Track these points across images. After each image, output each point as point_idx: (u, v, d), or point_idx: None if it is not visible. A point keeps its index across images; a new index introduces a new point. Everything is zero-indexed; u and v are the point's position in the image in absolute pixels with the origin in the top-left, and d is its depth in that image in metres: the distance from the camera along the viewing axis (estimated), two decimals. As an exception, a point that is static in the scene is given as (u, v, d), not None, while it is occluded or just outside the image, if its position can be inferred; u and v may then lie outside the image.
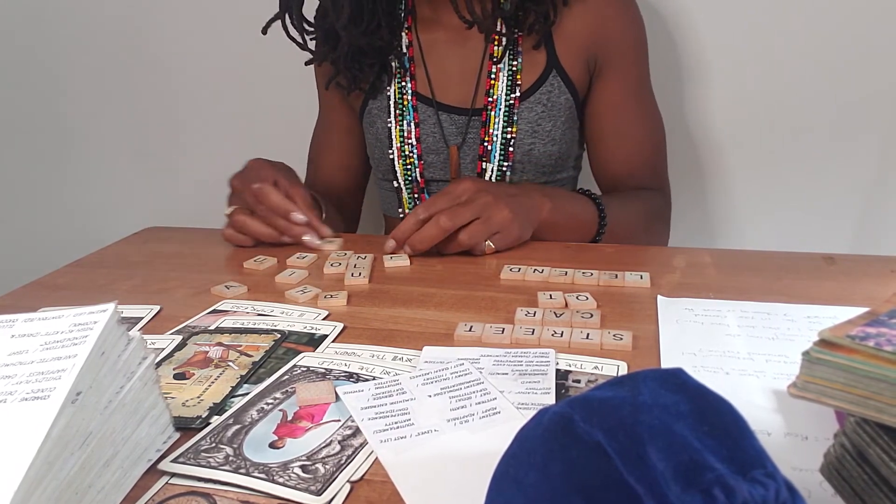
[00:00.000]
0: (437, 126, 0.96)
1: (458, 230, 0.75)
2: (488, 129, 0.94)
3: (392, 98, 0.96)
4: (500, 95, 0.93)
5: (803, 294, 0.66)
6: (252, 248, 0.83)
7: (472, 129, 0.95)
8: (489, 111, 0.93)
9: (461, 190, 0.77)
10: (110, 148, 1.42)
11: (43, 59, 1.39)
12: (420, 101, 0.96)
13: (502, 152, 0.94)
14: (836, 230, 1.15)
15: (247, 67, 1.30)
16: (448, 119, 0.96)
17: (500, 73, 0.93)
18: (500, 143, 0.93)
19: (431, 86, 0.96)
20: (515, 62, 0.93)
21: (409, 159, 0.97)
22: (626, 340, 0.57)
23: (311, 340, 0.60)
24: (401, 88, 0.96)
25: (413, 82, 0.96)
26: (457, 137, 0.96)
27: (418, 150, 0.96)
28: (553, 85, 0.93)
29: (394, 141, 0.96)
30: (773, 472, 0.29)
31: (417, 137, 0.96)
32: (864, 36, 1.06)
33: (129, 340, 0.42)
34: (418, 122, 0.96)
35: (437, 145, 0.96)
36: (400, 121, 0.96)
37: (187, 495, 0.41)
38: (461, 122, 0.96)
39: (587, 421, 0.31)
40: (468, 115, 0.95)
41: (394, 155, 0.97)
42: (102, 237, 0.91)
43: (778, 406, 0.48)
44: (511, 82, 0.93)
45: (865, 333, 0.36)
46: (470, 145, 0.96)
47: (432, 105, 0.96)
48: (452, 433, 0.46)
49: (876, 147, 1.10)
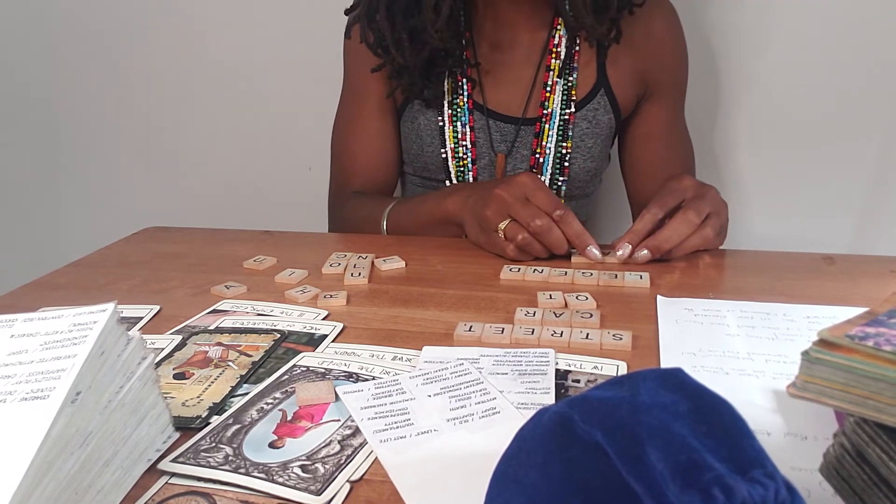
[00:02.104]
0: (486, 131, 0.95)
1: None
2: (541, 141, 0.94)
3: (446, 98, 0.95)
4: (556, 109, 0.93)
5: (803, 294, 0.66)
6: (254, 250, 0.82)
7: (519, 139, 0.95)
8: (543, 123, 0.93)
9: (685, 186, 0.77)
10: (110, 148, 1.42)
11: (43, 58, 1.39)
12: (473, 105, 0.95)
13: (556, 166, 0.94)
14: (836, 230, 1.15)
15: (248, 67, 1.30)
16: (494, 126, 0.95)
17: (555, 86, 0.93)
18: (555, 157, 0.94)
19: (483, 91, 0.95)
20: (571, 77, 0.93)
21: (462, 161, 0.96)
22: (626, 340, 0.57)
23: (311, 340, 0.60)
24: (457, 90, 0.95)
25: (469, 85, 0.95)
26: (500, 145, 0.96)
27: (472, 154, 0.96)
28: (600, 103, 0.94)
29: (447, 141, 0.95)
30: (772, 472, 0.29)
31: (473, 142, 0.95)
32: (865, 36, 1.06)
33: (129, 340, 0.42)
34: (472, 127, 0.95)
35: (483, 150, 0.96)
36: (454, 122, 0.95)
37: (187, 495, 0.41)
38: (507, 129, 0.95)
39: (586, 421, 0.31)
40: (517, 123, 0.95)
41: (447, 155, 0.96)
42: (102, 237, 0.91)
43: (777, 406, 0.48)
44: (566, 97, 0.93)
45: (864, 333, 0.36)
46: (516, 154, 0.96)
47: (483, 111, 0.95)
48: (452, 433, 0.46)
49: (876, 147, 1.10)
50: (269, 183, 1.36)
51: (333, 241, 0.86)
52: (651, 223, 0.74)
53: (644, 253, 0.73)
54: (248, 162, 1.37)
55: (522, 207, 0.74)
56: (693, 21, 1.10)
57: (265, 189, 1.37)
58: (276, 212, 1.34)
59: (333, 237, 0.88)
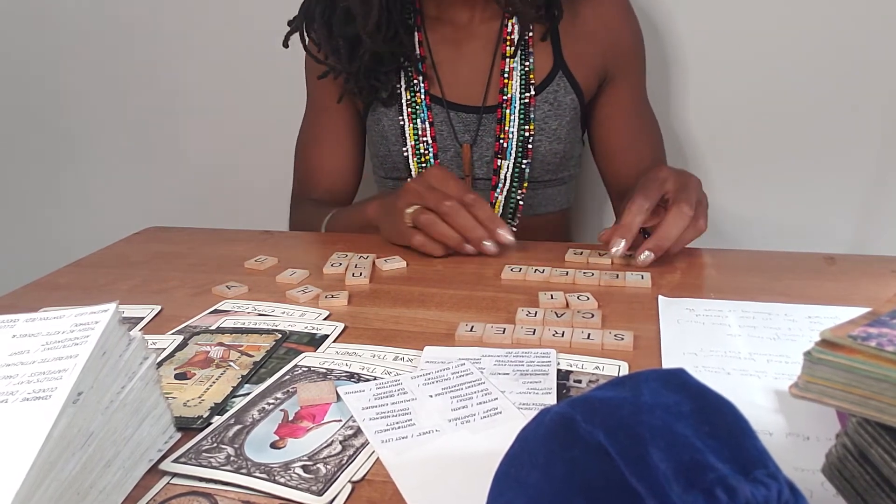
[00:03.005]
0: (448, 124, 0.97)
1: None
2: (504, 127, 0.94)
3: (403, 97, 0.96)
4: (515, 94, 0.94)
5: (804, 294, 0.66)
6: (255, 250, 0.82)
7: (482, 127, 0.96)
8: (504, 109, 0.94)
9: (664, 176, 0.75)
10: (110, 148, 1.42)
11: (42, 58, 1.39)
12: (431, 99, 0.96)
13: (520, 149, 0.95)
14: (836, 230, 1.15)
15: (249, 68, 1.30)
16: (456, 117, 0.97)
17: (513, 71, 0.94)
18: (518, 141, 0.94)
19: (441, 85, 0.97)
20: (528, 62, 0.94)
21: (424, 157, 0.97)
22: (628, 340, 0.57)
23: (312, 340, 0.60)
24: (412, 87, 0.96)
25: (426, 82, 0.96)
26: (465, 135, 0.97)
27: (434, 148, 0.97)
28: (559, 85, 0.95)
29: (408, 139, 0.97)
30: (775, 473, 0.29)
31: (433, 136, 0.96)
32: (865, 36, 1.06)
33: (131, 340, 0.42)
34: (432, 122, 0.96)
35: (447, 143, 0.97)
36: (413, 119, 0.96)
37: (188, 495, 0.41)
38: (469, 119, 0.96)
39: (589, 421, 0.31)
40: (479, 112, 0.96)
41: (408, 153, 0.97)
42: (102, 237, 0.91)
43: (779, 406, 0.48)
44: (525, 81, 0.94)
45: (867, 334, 0.36)
46: (480, 143, 0.97)
47: (442, 104, 0.96)
48: (454, 433, 0.46)
49: (876, 147, 1.10)
50: (270, 183, 1.35)
51: (334, 241, 0.86)
52: (639, 214, 0.71)
53: (647, 255, 0.71)
54: (249, 162, 1.37)
55: (431, 193, 0.75)
56: (691, 22, 1.10)
57: (266, 189, 1.37)
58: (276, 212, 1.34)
59: (334, 237, 0.88)
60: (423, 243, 0.76)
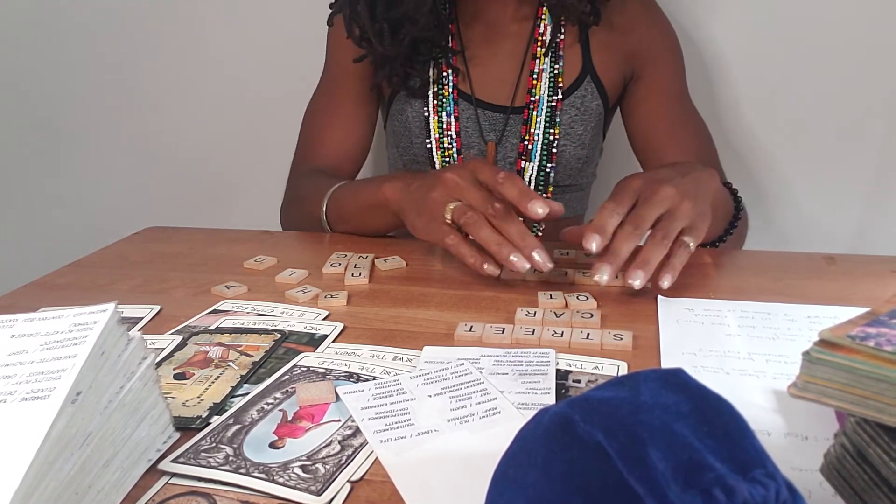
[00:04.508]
0: (475, 121, 0.96)
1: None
2: (529, 129, 0.94)
3: (431, 89, 0.96)
4: (543, 96, 0.94)
5: (803, 294, 0.66)
6: (254, 250, 0.82)
7: (508, 127, 0.96)
8: (531, 110, 0.94)
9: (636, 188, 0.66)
10: (110, 148, 1.42)
11: (42, 58, 1.39)
12: (459, 95, 0.96)
13: (544, 152, 0.95)
14: (836, 230, 1.15)
15: (249, 68, 1.30)
16: (483, 115, 0.97)
17: (542, 73, 0.94)
18: (543, 144, 0.94)
19: (471, 81, 0.96)
20: (557, 65, 0.94)
21: (447, 151, 0.97)
22: (627, 340, 0.57)
23: (312, 340, 0.60)
24: (441, 80, 0.96)
25: (455, 77, 0.96)
26: (490, 134, 0.97)
27: (458, 143, 0.96)
28: (587, 90, 0.96)
29: (432, 131, 0.96)
30: (773, 473, 0.29)
31: (457, 132, 0.96)
32: (865, 36, 1.06)
33: (130, 340, 0.42)
34: (458, 117, 0.96)
35: (472, 140, 0.97)
36: (439, 112, 0.96)
37: (187, 495, 0.41)
38: (496, 118, 0.96)
39: (587, 421, 0.31)
40: (506, 112, 0.96)
41: (432, 145, 0.97)
42: (102, 237, 0.90)
43: (778, 406, 0.48)
44: (553, 84, 0.94)
45: (866, 333, 0.36)
46: (505, 143, 0.97)
47: (471, 100, 0.96)
48: (452, 433, 0.46)
49: (876, 147, 1.10)
50: (270, 183, 1.35)
51: (334, 241, 0.86)
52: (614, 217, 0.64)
53: (638, 282, 0.63)
54: (249, 162, 1.37)
55: (477, 191, 0.67)
56: (692, 21, 1.10)
57: (265, 189, 1.36)
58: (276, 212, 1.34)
59: (334, 237, 0.88)
60: (456, 244, 0.68)
